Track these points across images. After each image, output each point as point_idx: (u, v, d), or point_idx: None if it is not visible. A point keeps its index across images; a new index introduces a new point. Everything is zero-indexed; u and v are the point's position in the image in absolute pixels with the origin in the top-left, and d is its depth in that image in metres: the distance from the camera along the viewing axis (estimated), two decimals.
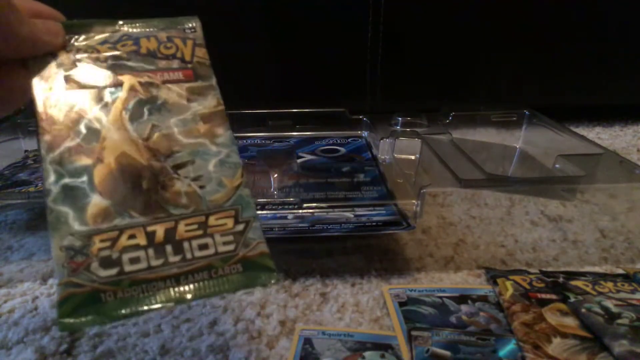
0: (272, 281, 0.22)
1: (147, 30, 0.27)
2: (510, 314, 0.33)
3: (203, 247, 0.22)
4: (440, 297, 0.35)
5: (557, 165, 0.46)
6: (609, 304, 0.33)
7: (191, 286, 0.21)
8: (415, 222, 0.39)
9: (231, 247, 0.22)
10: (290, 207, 0.41)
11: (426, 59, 0.72)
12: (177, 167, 0.23)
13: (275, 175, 0.49)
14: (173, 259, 0.21)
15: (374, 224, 0.39)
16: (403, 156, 0.52)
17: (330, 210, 0.41)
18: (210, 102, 0.25)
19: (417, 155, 0.52)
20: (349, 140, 0.58)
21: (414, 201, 0.39)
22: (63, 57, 0.25)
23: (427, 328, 0.32)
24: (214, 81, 0.26)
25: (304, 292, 0.37)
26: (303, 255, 0.42)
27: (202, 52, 0.27)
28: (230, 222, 0.22)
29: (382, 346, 0.31)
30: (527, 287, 0.35)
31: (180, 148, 0.24)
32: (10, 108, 0.24)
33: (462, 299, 0.35)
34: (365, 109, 0.71)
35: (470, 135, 0.60)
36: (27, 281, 0.39)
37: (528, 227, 0.47)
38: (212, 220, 0.22)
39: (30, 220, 0.49)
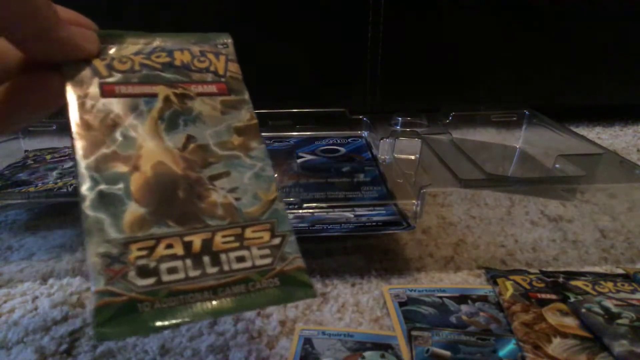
0: (309, 297, 0.22)
1: (180, 44, 0.27)
2: (510, 314, 0.33)
3: (240, 259, 0.21)
4: (440, 297, 0.35)
5: (557, 165, 0.46)
6: (609, 304, 0.33)
7: (229, 299, 0.20)
8: (415, 222, 0.39)
9: (268, 260, 0.22)
10: (290, 207, 0.41)
11: (426, 59, 0.72)
12: (213, 178, 0.23)
13: (275, 175, 0.49)
14: (211, 270, 0.21)
15: (374, 224, 0.39)
16: (403, 156, 0.52)
17: (330, 210, 0.41)
18: (244, 115, 0.25)
19: (417, 155, 0.52)
20: (349, 140, 0.58)
21: (414, 201, 0.39)
22: (98, 65, 0.24)
23: (427, 328, 0.32)
24: (246, 95, 0.26)
25: None
26: (303, 255, 0.41)
27: (234, 67, 0.27)
28: (266, 236, 0.22)
29: (382, 346, 0.31)
30: (527, 287, 0.35)
31: (215, 160, 0.24)
32: (44, 113, 0.24)
33: (462, 299, 0.35)
34: (365, 109, 0.71)
35: (470, 135, 0.60)
36: (27, 281, 0.39)
37: (528, 227, 0.47)
38: (248, 233, 0.22)
39: (30, 220, 0.49)
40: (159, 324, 0.19)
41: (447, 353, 0.29)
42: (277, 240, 0.22)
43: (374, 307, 0.35)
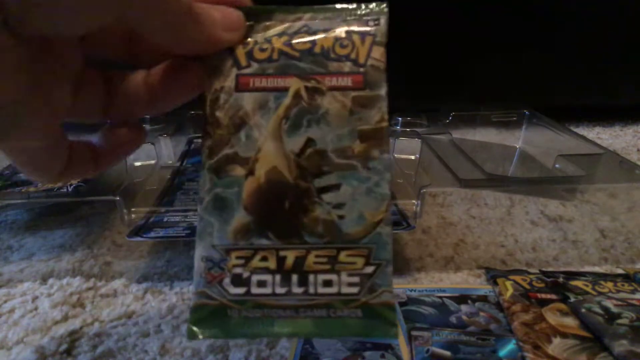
0: (390, 337, 0.21)
1: (328, 21, 0.24)
2: (510, 314, 0.33)
3: (327, 283, 0.21)
4: (440, 297, 0.35)
5: (557, 165, 0.46)
6: (609, 304, 0.33)
7: (308, 321, 0.20)
8: (415, 222, 0.39)
9: (355, 289, 0.21)
10: None
11: (426, 59, 0.72)
12: (322, 190, 0.22)
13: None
14: (296, 290, 0.21)
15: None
16: (403, 156, 0.52)
17: None
18: (374, 116, 0.22)
19: (417, 155, 0.52)
20: None
21: (414, 201, 0.39)
22: (239, 53, 0.23)
23: (427, 328, 0.32)
24: (383, 90, 0.23)
25: None
26: None
27: (379, 53, 0.23)
28: (360, 262, 0.21)
29: (382, 346, 0.31)
30: (527, 287, 0.35)
31: (329, 169, 0.22)
32: (179, 103, 0.24)
33: (462, 299, 0.35)
34: None
35: (470, 135, 0.60)
36: (27, 281, 0.39)
37: (528, 227, 0.47)
38: (342, 257, 0.21)
39: (30, 220, 0.49)
40: (244, 331, 0.20)
41: (447, 353, 0.29)
42: (370, 269, 0.21)
43: None
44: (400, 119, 0.58)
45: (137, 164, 0.50)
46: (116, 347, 0.31)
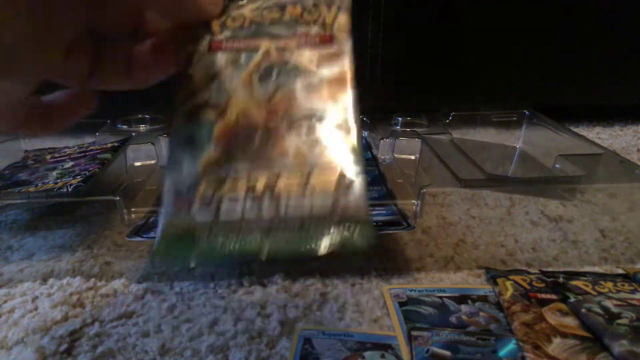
0: (367, 245, 0.21)
1: None
2: (510, 314, 0.33)
3: (299, 205, 0.21)
4: (440, 297, 0.35)
5: (557, 165, 0.46)
6: (609, 304, 0.33)
7: (281, 242, 0.21)
8: (415, 222, 0.39)
9: (328, 208, 0.21)
10: None
11: (426, 59, 0.72)
12: (292, 128, 0.23)
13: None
14: (267, 213, 0.21)
15: (374, 224, 0.39)
16: (403, 156, 0.52)
17: None
18: (340, 67, 0.24)
19: (417, 155, 0.52)
20: None
21: (414, 201, 0.39)
22: (213, 24, 0.25)
23: (427, 328, 0.32)
24: (347, 47, 0.25)
25: (304, 292, 0.37)
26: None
27: (344, 18, 0.26)
28: (332, 181, 0.22)
29: (382, 346, 0.31)
30: (527, 287, 0.35)
31: (297, 110, 0.24)
32: (165, 73, 0.26)
33: (462, 299, 0.35)
34: (365, 109, 0.71)
35: (470, 135, 0.60)
36: (27, 281, 0.39)
37: (528, 227, 0.47)
38: (313, 178, 0.22)
39: (30, 220, 0.49)
40: (213, 253, 0.21)
41: (447, 353, 0.29)
42: (342, 186, 0.22)
43: (374, 307, 0.35)
44: (400, 119, 0.58)
45: (137, 164, 0.50)
46: (116, 347, 0.31)
